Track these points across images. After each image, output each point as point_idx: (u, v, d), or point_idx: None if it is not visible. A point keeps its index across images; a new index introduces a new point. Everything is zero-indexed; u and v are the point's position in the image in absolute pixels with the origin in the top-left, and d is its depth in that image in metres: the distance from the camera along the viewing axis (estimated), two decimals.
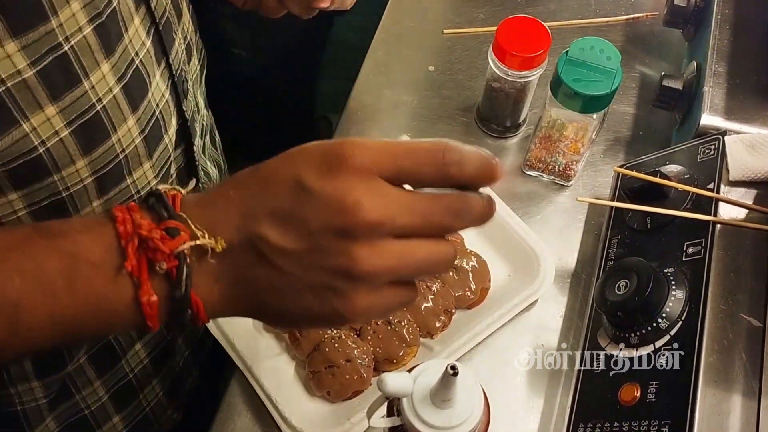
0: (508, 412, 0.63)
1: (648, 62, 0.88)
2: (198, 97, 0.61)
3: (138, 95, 0.47)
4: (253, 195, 0.35)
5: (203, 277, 0.35)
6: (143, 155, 0.49)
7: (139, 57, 0.46)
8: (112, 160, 0.47)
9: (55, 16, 0.38)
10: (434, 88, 0.85)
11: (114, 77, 0.44)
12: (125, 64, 0.45)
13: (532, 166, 0.78)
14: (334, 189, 0.33)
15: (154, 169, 0.51)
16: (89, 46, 0.41)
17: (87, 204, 0.47)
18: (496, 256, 0.72)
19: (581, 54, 0.67)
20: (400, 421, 0.45)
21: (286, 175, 0.35)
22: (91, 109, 0.43)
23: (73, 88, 0.41)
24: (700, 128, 0.68)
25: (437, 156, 0.35)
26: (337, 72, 1.39)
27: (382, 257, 0.34)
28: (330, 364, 0.62)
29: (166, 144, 0.52)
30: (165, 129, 0.52)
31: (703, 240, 0.60)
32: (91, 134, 0.44)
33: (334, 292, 0.35)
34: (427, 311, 0.66)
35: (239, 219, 0.35)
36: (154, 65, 0.49)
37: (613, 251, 0.67)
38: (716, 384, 0.53)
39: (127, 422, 0.64)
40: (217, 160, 0.75)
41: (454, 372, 0.41)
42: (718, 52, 0.72)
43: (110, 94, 0.44)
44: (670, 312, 0.57)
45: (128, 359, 0.61)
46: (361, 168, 0.34)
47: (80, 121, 0.43)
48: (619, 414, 0.55)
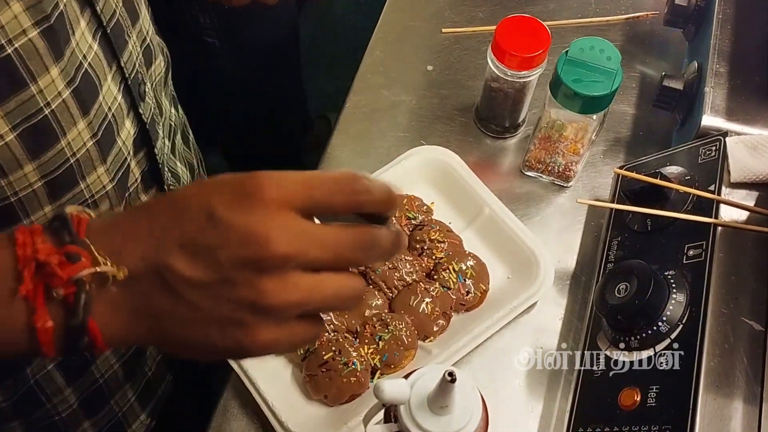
0: (507, 415, 0.63)
1: (648, 62, 0.87)
2: (162, 98, 0.60)
3: (89, 99, 0.46)
4: (162, 223, 0.35)
5: (103, 304, 0.34)
6: (96, 159, 0.48)
7: (87, 60, 0.45)
8: (63, 164, 0.46)
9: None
10: (432, 88, 0.84)
11: (63, 81, 0.43)
12: (74, 67, 0.44)
13: (532, 167, 0.77)
14: (245, 221, 0.33)
15: (108, 173, 0.50)
16: (36, 50, 0.40)
17: (38, 209, 0.46)
18: (495, 257, 0.71)
19: (581, 54, 0.66)
20: (397, 427, 0.44)
21: (197, 204, 0.34)
22: (38, 113, 0.42)
23: (19, 92, 0.40)
24: (701, 129, 0.67)
25: (347, 185, 0.35)
26: (337, 71, 1.39)
27: (290, 291, 0.34)
28: (326, 368, 0.61)
29: (120, 147, 0.52)
30: (117, 131, 0.51)
31: (704, 242, 0.59)
32: (38, 138, 0.43)
33: (239, 326, 0.35)
34: (425, 314, 0.66)
35: (146, 247, 0.35)
36: (105, 69, 0.48)
37: (613, 253, 0.67)
38: (717, 388, 0.52)
39: (98, 428, 0.63)
40: (190, 160, 0.73)
41: (452, 378, 0.40)
42: (720, 52, 0.71)
43: (59, 98, 0.43)
44: (671, 315, 0.57)
45: (98, 365, 0.60)
46: (273, 200, 0.34)
47: (26, 125, 0.42)
48: (619, 418, 0.55)
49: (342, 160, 0.79)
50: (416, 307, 0.66)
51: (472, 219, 0.73)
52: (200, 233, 0.34)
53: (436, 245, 0.69)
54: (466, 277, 0.68)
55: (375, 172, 0.74)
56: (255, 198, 0.34)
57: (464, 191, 0.74)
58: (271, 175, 0.34)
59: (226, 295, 0.34)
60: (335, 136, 0.81)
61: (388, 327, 0.64)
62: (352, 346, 0.63)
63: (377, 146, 0.80)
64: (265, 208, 0.34)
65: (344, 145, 0.80)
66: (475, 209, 0.73)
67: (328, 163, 0.79)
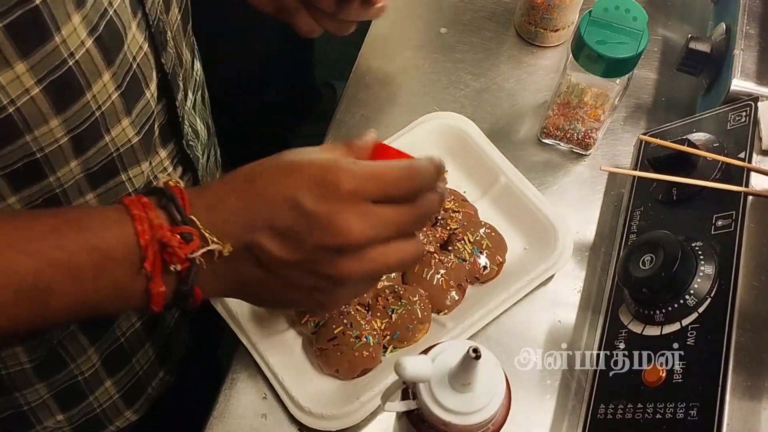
0: (524, 391, 0.61)
1: (671, 25, 0.84)
2: (182, 49, 0.57)
3: (113, 48, 0.44)
4: (253, 206, 0.40)
5: (206, 273, 0.40)
6: (121, 111, 0.47)
7: (113, 7, 0.43)
8: (88, 117, 0.44)
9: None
10: (446, 51, 0.81)
11: (86, 30, 0.41)
12: (97, 14, 0.42)
13: (550, 134, 0.74)
14: (327, 212, 0.39)
15: (134, 126, 0.49)
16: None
17: (63, 164, 0.45)
18: (512, 228, 0.68)
19: (605, 14, 0.63)
20: (416, 405, 0.42)
21: (284, 194, 0.40)
22: (62, 65, 0.40)
23: (44, 43, 0.39)
24: (730, 93, 0.64)
25: (409, 177, 0.42)
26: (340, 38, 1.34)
27: (364, 266, 0.41)
28: (337, 342, 0.59)
29: (148, 99, 0.50)
30: (146, 83, 0.49)
31: (733, 212, 0.57)
32: (63, 91, 0.41)
33: (319, 291, 0.42)
34: (439, 286, 0.63)
35: (241, 227, 0.40)
36: (130, 15, 0.46)
37: (635, 224, 0.64)
38: (748, 364, 0.50)
39: (120, 386, 0.63)
40: (206, 119, 0.71)
41: (476, 355, 0.38)
42: (750, 13, 0.68)
43: (83, 48, 0.41)
44: (699, 288, 0.54)
45: (120, 323, 0.60)
46: (350, 192, 0.40)
47: (51, 78, 0.40)
48: (644, 395, 0.53)
49: (351, 127, 0.76)
50: (430, 279, 0.63)
51: (488, 188, 0.70)
52: (288, 220, 0.40)
53: (450, 215, 0.67)
54: (481, 249, 0.65)
55: (386, 139, 0.71)
56: (334, 190, 0.39)
57: (479, 159, 0.71)
58: (348, 171, 0.40)
59: (310, 269, 0.41)
60: (343, 102, 0.78)
61: (401, 300, 0.62)
62: (364, 319, 0.60)
63: (388, 112, 0.77)
64: (343, 199, 0.39)
65: (353, 111, 0.77)
66: (491, 178, 0.70)
67: (337, 130, 0.76)
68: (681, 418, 0.50)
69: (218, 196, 0.41)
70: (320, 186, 0.39)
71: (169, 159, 0.57)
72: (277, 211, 0.40)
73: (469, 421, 0.41)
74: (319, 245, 0.40)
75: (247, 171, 0.42)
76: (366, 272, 0.41)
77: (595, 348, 0.60)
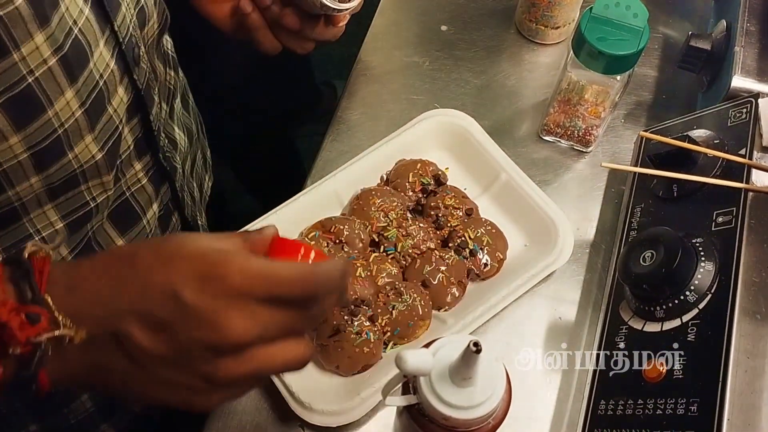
0: (524, 387, 0.61)
1: (671, 23, 0.84)
2: (155, 61, 0.57)
3: (77, 66, 0.44)
4: (125, 290, 0.36)
5: (56, 359, 0.36)
6: (84, 129, 0.46)
7: (77, 25, 0.43)
8: (50, 134, 0.43)
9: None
10: (447, 49, 0.81)
11: (50, 48, 0.41)
12: (63, 33, 0.41)
13: (550, 132, 0.74)
14: (208, 306, 0.35)
15: (97, 142, 0.48)
16: (21, 17, 0.38)
17: (24, 179, 0.44)
18: (512, 225, 0.68)
19: (606, 11, 0.63)
20: (416, 399, 0.42)
21: (162, 282, 0.36)
22: (21, 82, 0.40)
23: (1, 59, 0.38)
24: (730, 91, 0.64)
25: (307, 284, 0.37)
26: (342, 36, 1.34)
27: (244, 367, 0.37)
28: (338, 338, 0.59)
29: (111, 115, 0.49)
30: (108, 99, 0.49)
31: (734, 208, 0.57)
32: (23, 109, 0.41)
33: (191, 390, 0.37)
34: (439, 283, 0.63)
35: (107, 313, 0.36)
36: (96, 34, 0.46)
37: (636, 221, 0.64)
38: (748, 360, 0.50)
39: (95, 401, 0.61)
40: (189, 125, 0.71)
41: (477, 349, 0.38)
42: (750, 10, 0.68)
43: (45, 65, 0.41)
44: (699, 284, 0.54)
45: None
46: (235, 289, 0.36)
47: (9, 94, 0.40)
48: (644, 391, 0.53)
49: (352, 124, 0.76)
50: (431, 276, 0.63)
51: (488, 185, 0.70)
52: (162, 310, 0.35)
53: (451, 212, 0.67)
54: (482, 245, 0.65)
55: (386, 136, 0.71)
56: (219, 284, 0.35)
57: (480, 156, 0.71)
58: (237, 265, 0.36)
59: (181, 365, 0.36)
60: (344, 100, 0.78)
61: (402, 296, 0.62)
62: (364, 316, 0.60)
63: (389, 109, 0.77)
64: (227, 295, 0.36)
65: (354, 108, 0.77)
66: (492, 175, 0.70)
67: (338, 128, 0.76)
68: (681, 413, 0.50)
69: (84, 276, 0.37)
70: (204, 279, 0.36)
71: (144, 171, 0.57)
72: (151, 298, 0.36)
73: (469, 415, 0.41)
74: (193, 341, 0.36)
75: (125, 251, 0.39)
76: (246, 374, 0.37)
77: (595, 345, 0.60)
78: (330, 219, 0.66)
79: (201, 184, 0.75)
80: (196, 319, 0.35)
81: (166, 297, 0.35)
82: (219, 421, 0.60)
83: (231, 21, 0.62)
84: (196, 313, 0.35)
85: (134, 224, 0.58)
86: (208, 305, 0.35)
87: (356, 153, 0.70)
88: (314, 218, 0.67)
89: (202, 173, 0.76)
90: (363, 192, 0.68)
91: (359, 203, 0.67)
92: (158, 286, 0.36)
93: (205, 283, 0.35)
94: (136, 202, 0.58)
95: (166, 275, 0.36)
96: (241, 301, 0.36)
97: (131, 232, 0.58)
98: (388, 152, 0.71)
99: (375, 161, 0.70)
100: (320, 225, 0.66)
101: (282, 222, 0.65)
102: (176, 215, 0.65)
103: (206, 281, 0.35)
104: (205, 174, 0.77)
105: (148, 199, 0.59)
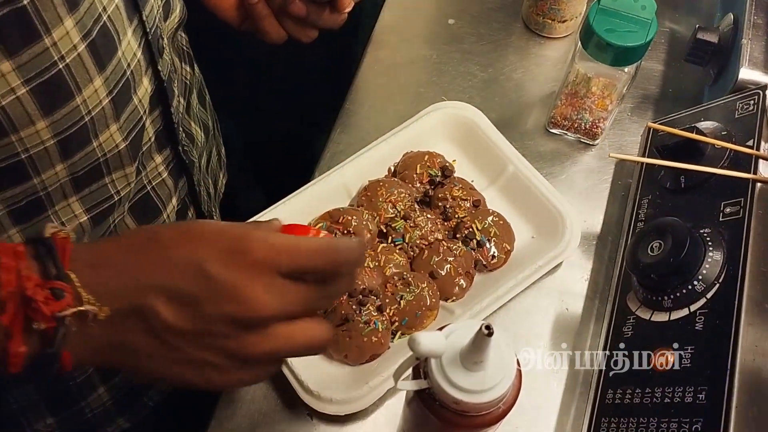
0: (532, 377, 0.61)
1: (677, 17, 0.84)
2: (173, 55, 0.57)
3: (105, 54, 0.44)
4: (150, 267, 0.36)
5: (79, 337, 0.36)
6: (110, 117, 0.46)
7: (107, 13, 0.43)
8: (77, 122, 0.44)
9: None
10: (454, 42, 0.81)
11: (79, 34, 0.41)
12: (92, 19, 0.42)
13: (557, 124, 0.74)
14: (233, 279, 0.36)
15: (121, 131, 0.48)
16: (52, 1, 0.39)
17: (49, 167, 0.44)
18: (520, 217, 0.69)
19: (614, 3, 0.63)
20: (427, 383, 0.42)
21: (188, 257, 0.36)
22: (52, 67, 0.40)
23: (32, 44, 0.38)
24: (738, 83, 0.64)
25: (329, 255, 0.38)
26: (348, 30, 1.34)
27: (267, 344, 0.37)
28: (346, 327, 0.60)
29: (135, 105, 0.50)
30: (134, 89, 0.49)
31: (741, 199, 0.57)
32: (52, 94, 0.41)
33: (214, 368, 0.37)
34: (447, 274, 0.63)
35: (131, 288, 0.36)
36: (125, 22, 0.46)
37: (643, 212, 0.64)
38: (756, 349, 0.50)
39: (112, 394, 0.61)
40: (205, 121, 0.71)
41: (489, 332, 0.38)
42: (757, 3, 0.68)
43: (74, 51, 0.41)
44: (707, 274, 0.54)
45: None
46: (260, 263, 0.36)
47: (40, 80, 0.40)
48: (652, 379, 0.53)
49: (360, 117, 0.76)
50: (439, 266, 0.64)
51: (496, 177, 0.71)
52: (188, 284, 0.36)
53: (458, 203, 0.67)
54: (489, 237, 0.65)
55: (394, 129, 0.71)
56: (244, 258, 0.36)
57: (487, 148, 0.71)
58: (261, 240, 0.37)
59: (206, 342, 0.36)
60: (352, 92, 0.78)
61: (410, 286, 0.62)
62: (373, 305, 0.61)
63: (396, 102, 0.77)
64: (252, 269, 0.36)
65: (362, 101, 0.78)
66: (499, 167, 0.70)
67: (346, 120, 0.76)
68: (689, 401, 0.50)
69: (108, 254, 0.37)
70: (229, 252, 0.36)
71: (164, 164, 0.58)
72: (177, 273, 0.36)
73: (480, 399, 0.41)
74: (219, 315, 0.36)
75: (149, 230, 0.40)
76: (269, 351, 0.37)
77: (603, 335, 0.60)
78: (338, 210, 0.66)
79: (216, 181, 0.76)
80: (221, 293, 0.35)
81: (192, 271, 0.35)
82: (228, 409, 0.60)
83: (238, 13, 0.62)
84: (222, 286, 0.35)
85: (155, 218, 0.59)
86: (233, 278, 0.35)
87: (364, 145, 0.71)
88: (322, 209, 0.67)
89: (216, 170, 0.76)
90: (371, 183, 0.68)
91: (367, 194, 0.67)
92: (183, 261, 0.36)
93: (230, 256, 0.36)
94: (156, 196, 0.58)
95: (192, 250, 0.36)
96: (266, 275, 0.36)
97: None
98: (395, 144, 0.71)
99: (383, 153, 0.70)
100: (328, 216, 0.66)
101: (290, 213, 0.65)
102: (192, 209, 0.66)
103: (231, 255, 0.36)
104: (219, 171, 0.78)
105: (168, 193, 0.59)
